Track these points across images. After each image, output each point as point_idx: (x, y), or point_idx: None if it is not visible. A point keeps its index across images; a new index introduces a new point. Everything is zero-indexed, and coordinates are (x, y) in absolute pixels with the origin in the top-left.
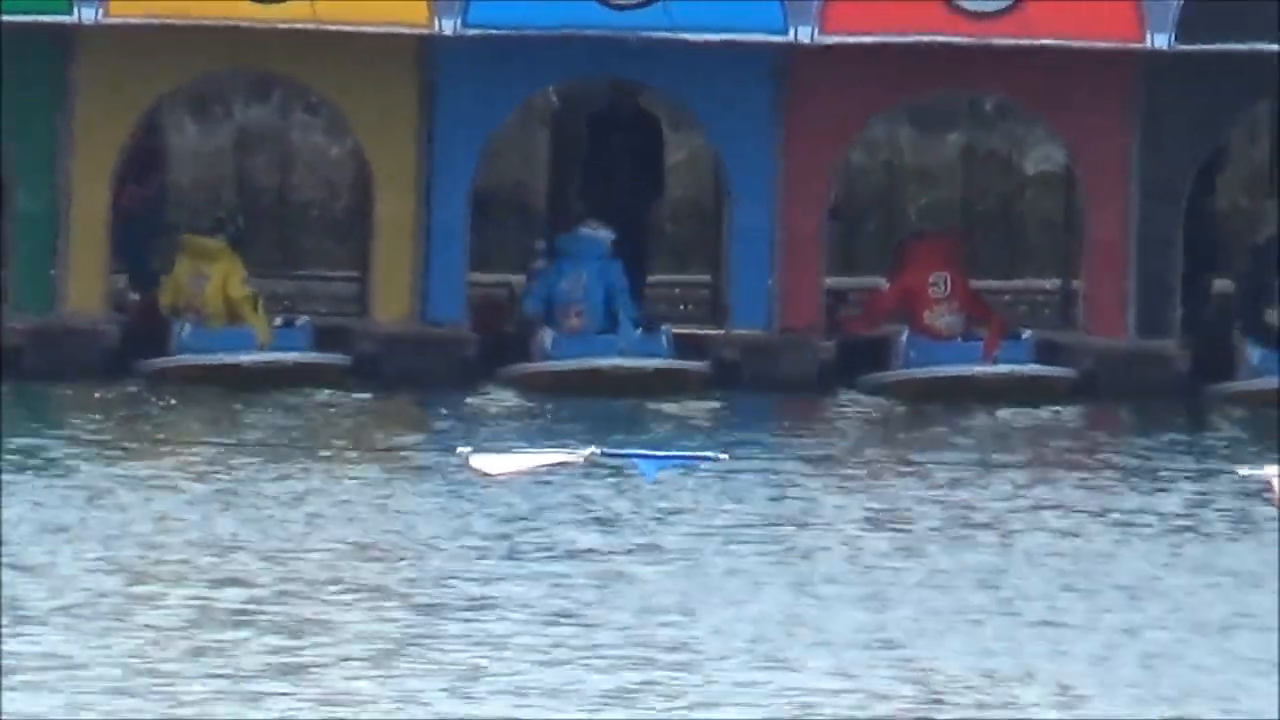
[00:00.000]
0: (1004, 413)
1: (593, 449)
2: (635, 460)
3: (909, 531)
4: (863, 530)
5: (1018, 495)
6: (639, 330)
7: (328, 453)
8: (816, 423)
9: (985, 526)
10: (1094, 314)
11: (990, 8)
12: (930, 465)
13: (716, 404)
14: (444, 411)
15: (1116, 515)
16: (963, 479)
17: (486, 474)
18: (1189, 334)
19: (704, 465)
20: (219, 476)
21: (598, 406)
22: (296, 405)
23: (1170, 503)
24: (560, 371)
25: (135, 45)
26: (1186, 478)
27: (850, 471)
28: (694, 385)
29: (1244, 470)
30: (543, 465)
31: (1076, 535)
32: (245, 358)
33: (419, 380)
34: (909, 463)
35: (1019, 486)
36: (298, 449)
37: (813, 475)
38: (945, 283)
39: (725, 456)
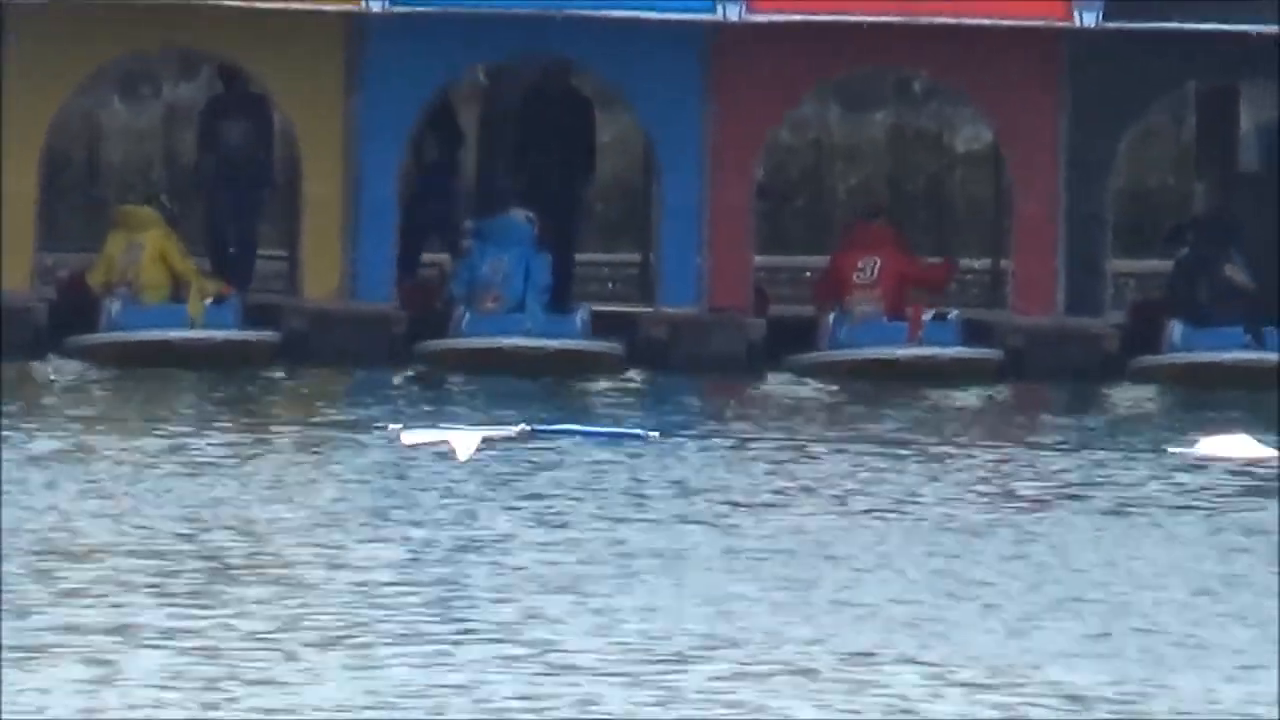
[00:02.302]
0: (924, 393)
1: (522, 425)
2: (564, 434)
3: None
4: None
5: (895, 474)
6: (561, 312)
7: (224, 426)
8: (725, 403)
9: (839, 501)
10: (1023, 293)
11: None
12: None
13: (633, 383)
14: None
15: (993, 492)
16: (854, 459)
17: (414, 448)
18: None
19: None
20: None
21: (520, 386)
22: (219, 381)
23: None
24: (467, 350)
25: (65, 24)
26: (1094, 456)
27: (732, 450)
28: (607, 366)
29: (1173, 449)
30: (473, 440)
31: (952, 513)
32: (175, 335)
33: (347, 357)
34: (804, 444)
35: (896, 466)
36: (191, 423)
37: (700, 452)
38: (873, 268)
39: (656, 435)
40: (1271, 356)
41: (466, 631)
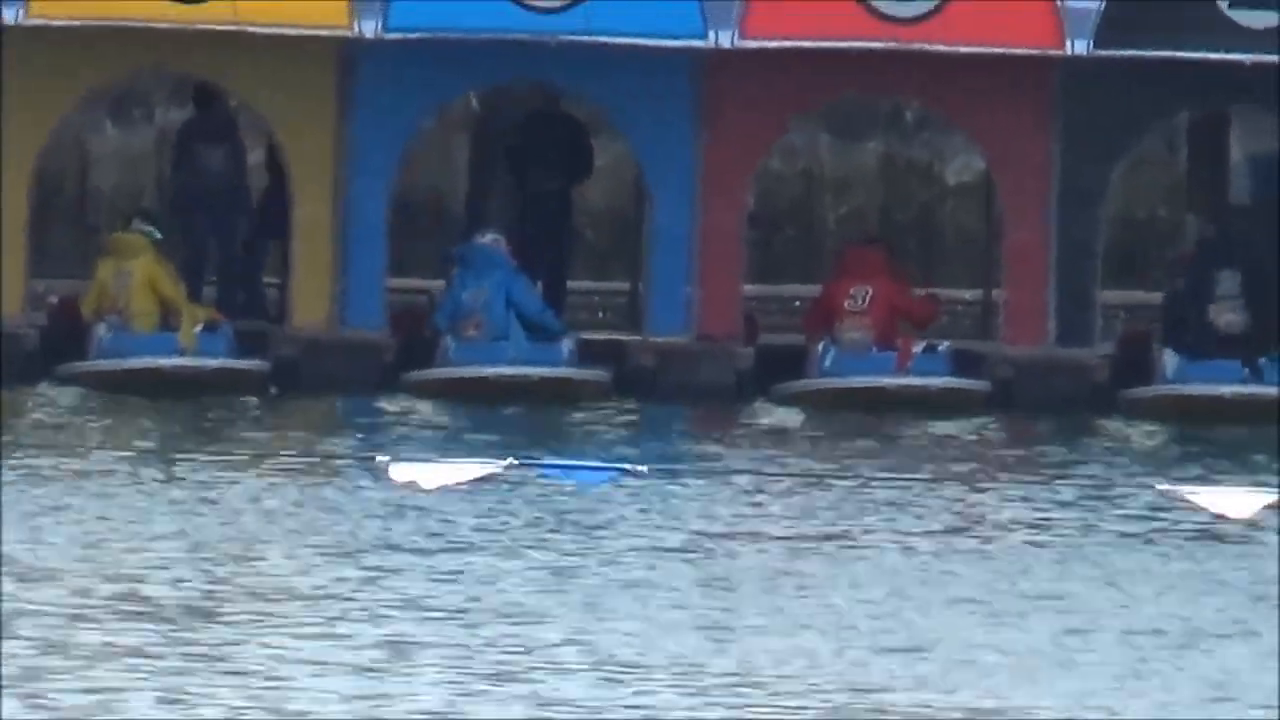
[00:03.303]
0: (914, 423)
1: (511, 460)
2: (552, 472)
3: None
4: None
5: (875, 506)
6: (552, 339)
7: (208, 457)
8: (712, 434)
9: (831, 537)
10: (1013, 323)
11: (910, 13)
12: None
13: (624, 413)
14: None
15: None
16: (843, 490)
17: (405, 485)
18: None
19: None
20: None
21: (511, 416)
22: (206, 409)
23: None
24: (452, 379)
25: (56, 46)
26: (1081, 489)
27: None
28: (593, 394)
29: (1162, 486)
30: (462, 476)
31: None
32: (165, 362)
33: (337, 385)
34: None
35: (877, 500)
36: (181, 453)
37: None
38: (864, 297)
39: (645, 470)
40: (1269, 391)
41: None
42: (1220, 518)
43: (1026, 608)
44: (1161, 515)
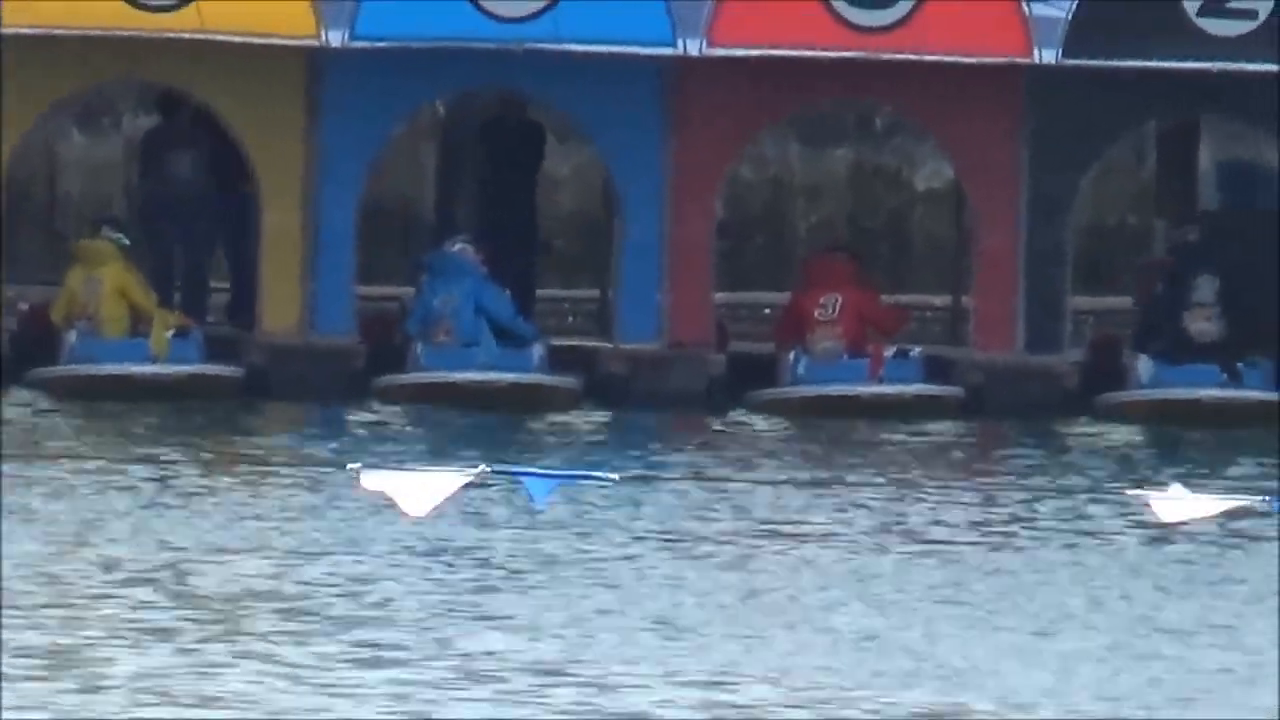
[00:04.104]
0: (885, 430)
1: (483, 467)
2: (524, 480)
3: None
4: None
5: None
6: (523, 346)
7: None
8: (685, 440)
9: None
10: (983, 329)
11: (879, 21)
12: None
13: (595, 420)
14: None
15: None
16: (816, 494)
17: (375, 492)
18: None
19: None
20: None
21: (481, 422)
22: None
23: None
24: (423, 384)
25: (25, 54)
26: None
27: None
28: (562, 401)
29: (1132, 492)
30: (433, 484)
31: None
32: (136, 368)
33: (307, 391)
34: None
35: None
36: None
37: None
38: (834, 305)
39: (616, 478)
40: (1249, 394)
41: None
42: (1183, 521)
43: (989, 609)
44: (1133, 517)
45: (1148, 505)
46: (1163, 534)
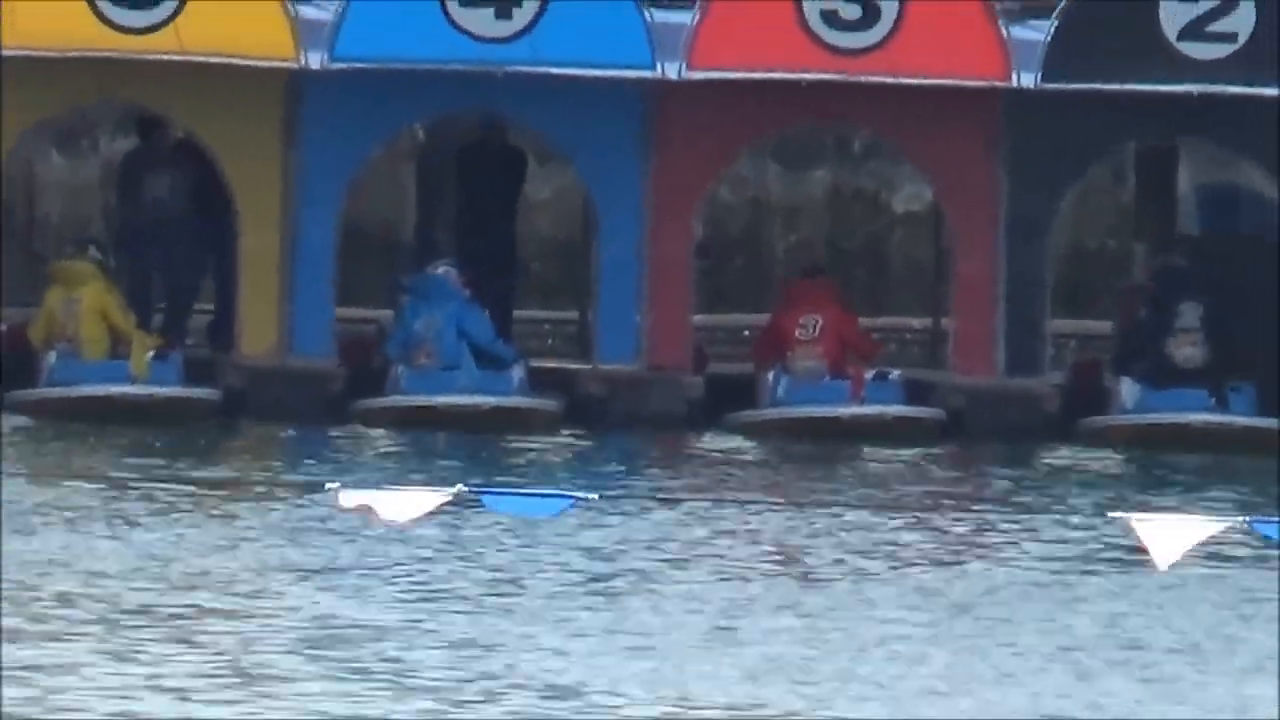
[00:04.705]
0: (866, 453)
1: (460, 487)
2: (500, 500)
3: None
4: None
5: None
6: (503, 369)
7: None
8: (662, 462)
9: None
10: (962, 353)
11: (857, 44)
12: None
13: (574, 442)
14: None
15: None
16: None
17: (354, 511)
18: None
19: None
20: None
21: (460, 442)
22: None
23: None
24: (403, 407)
25: (3, 78)
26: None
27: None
28: (543, 423)
29: (1114, 515)
30: (412, 503)
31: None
32: (116, 390)
33: (285, 414)
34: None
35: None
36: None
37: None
38: (815, 326)
39: (595, 497)
40: (1236, 419)
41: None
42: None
43: (956, 632)
44: (1115, 541)
45: (1132, 529)
46: (1144, 558)
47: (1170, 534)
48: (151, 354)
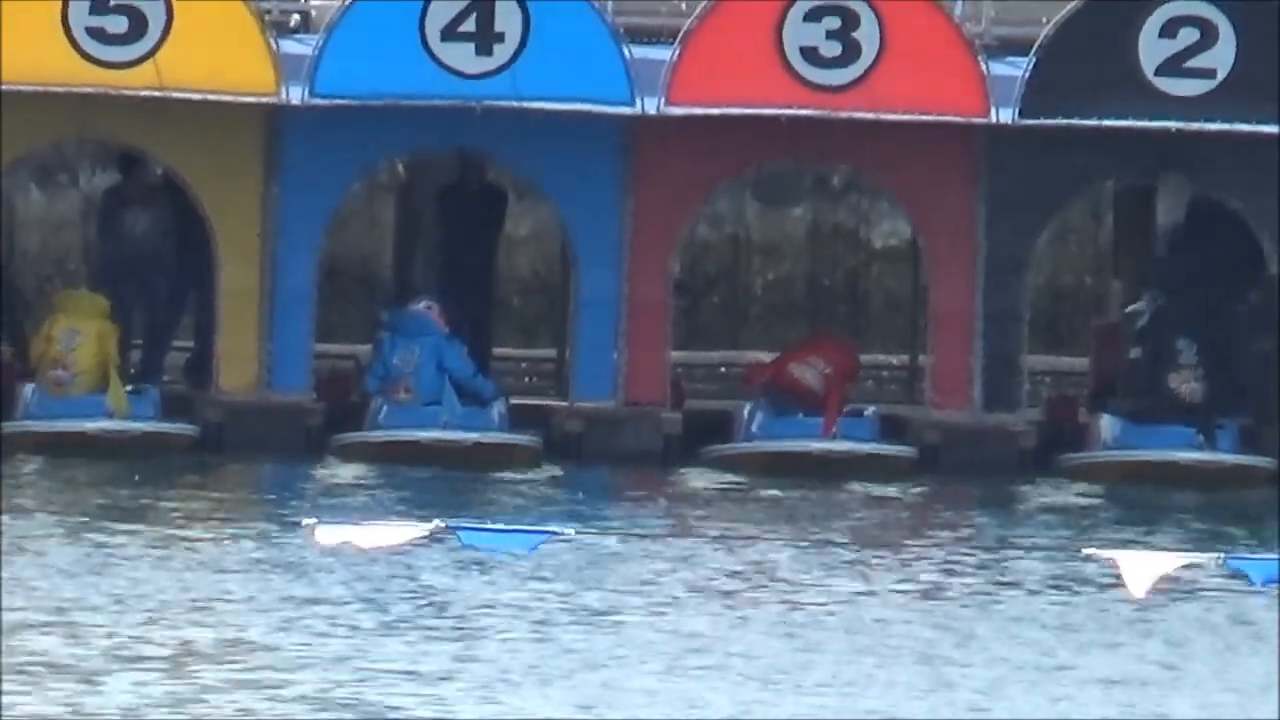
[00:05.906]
0: (838, 489)
1: (437, 522)
2: (478, 536)
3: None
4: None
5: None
6: (484, 404)
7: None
8: (638, 497)
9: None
10: (939, 388)
11: (836, 80)
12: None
13: (550, 476)
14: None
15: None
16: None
17: (330, 546)
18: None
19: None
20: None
21: (440, 478)
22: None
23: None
24: (384, 442)
25: None
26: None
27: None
28: (525, 458)
29: (1089, 550)
30: (388, 539)
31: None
32: (92, 425)
33: (263, 448)
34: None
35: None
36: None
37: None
38: (822, 368)
39: (572, 532)
40: (1223, 457)
41: None
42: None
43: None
44: (1091, 579)
45: (1109, 562)
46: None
47: (1145, 567)
48: (130, 389)
